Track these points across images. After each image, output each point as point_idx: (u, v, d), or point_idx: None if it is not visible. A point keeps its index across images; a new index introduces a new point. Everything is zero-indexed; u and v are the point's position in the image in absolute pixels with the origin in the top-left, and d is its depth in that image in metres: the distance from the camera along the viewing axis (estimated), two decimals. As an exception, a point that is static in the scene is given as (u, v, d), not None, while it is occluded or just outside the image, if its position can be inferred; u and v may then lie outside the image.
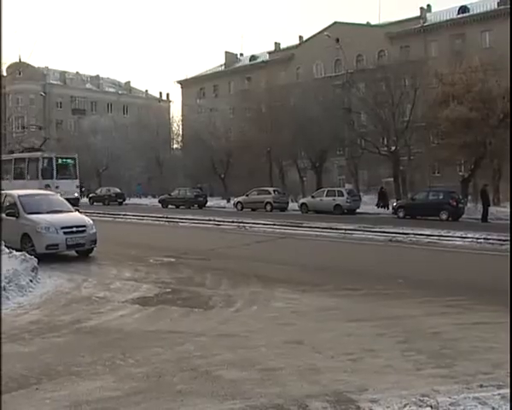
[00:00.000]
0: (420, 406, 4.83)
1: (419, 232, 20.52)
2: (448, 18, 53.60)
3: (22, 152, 37.02)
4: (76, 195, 32.61)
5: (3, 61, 24.65)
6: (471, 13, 52.23)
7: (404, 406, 4.85)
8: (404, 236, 19.82)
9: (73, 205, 29.04)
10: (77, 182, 34.30)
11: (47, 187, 29.75)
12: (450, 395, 5.01)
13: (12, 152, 39.97)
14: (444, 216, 29.32)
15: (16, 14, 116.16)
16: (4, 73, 39.37)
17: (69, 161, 34.92)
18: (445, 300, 9.41)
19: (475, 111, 33.69)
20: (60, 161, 33.86)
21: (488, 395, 4.95)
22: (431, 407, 4.79)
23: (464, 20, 51.94)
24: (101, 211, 34.33)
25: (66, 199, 27.74)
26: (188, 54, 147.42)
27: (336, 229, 22.04)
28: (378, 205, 37.67)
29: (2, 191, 18.54)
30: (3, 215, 14.69)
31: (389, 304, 9.22)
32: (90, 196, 53.10)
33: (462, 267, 13.67)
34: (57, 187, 30.30)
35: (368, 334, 7.38)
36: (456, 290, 10.21)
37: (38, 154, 34.33)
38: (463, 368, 5.90)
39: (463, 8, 53.12)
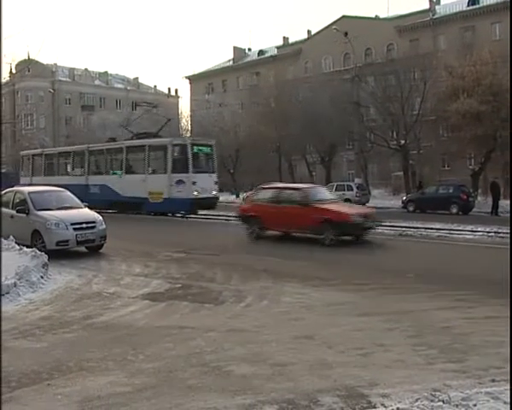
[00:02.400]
0: (432, 401, 4.80)
1: (429, 226, 20.44)
2: (457, 10, 53.21)
3: (132, 139, 30.98)
4: (214, 193, 27.18)
5: (12, 58, 24.62)
6: (481, 5, 51.83)
7: (416, 400, 4.83)
8: (414, 230, 19.74)
9: (210, 207, 26.86)
10: (215, 177, 27.70)
11: (179, 184, 25.64)
12: (462, 390, 4.99)
13: (113, 139, 33.50)
14: (454, 210, 29.24)
15: (24, 12, 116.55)
16: (13, 71, 39.08)
17: (206, 149, 27.96)
18: (455, 294, 9.37)
19: (485, 104, 33.51)
20: (195, 148, 26.67)
21: (500, 389, 4.92)
22: (443, 401, 4.77)
23: (474, 12, 51.53)
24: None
25: (202, 198, 25.66)
26: (196, 49, 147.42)
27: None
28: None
29: (14, 187, 18.67)
30: (14, 212, 14.78)
31: (399, 298, 9.19)
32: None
33: (473, 261, 13.58)
34: (194, 183, 25.56)
35: (378, 328, 7.35)
36: (467, 284, 10.14)
37: (167, 140, 27.60)
38: (475, 362, 5.87)
39: (473, 0, 52.72)
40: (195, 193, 25.54)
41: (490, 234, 18.39)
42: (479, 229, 19.40)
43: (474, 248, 15.76)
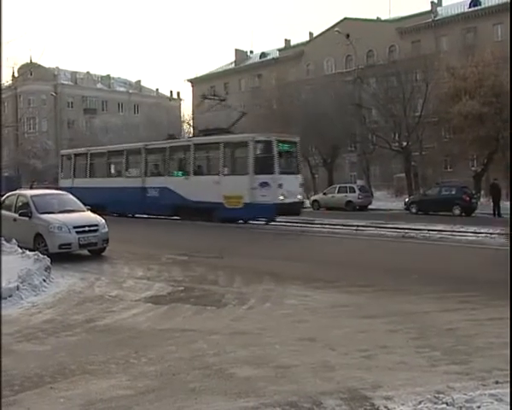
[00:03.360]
0: (435, 403, 4.79)
1: (432, 228, 20.41)
2: (459, 12, 53.27)
3: (197, 136, 27.92)
4: (299, 197, 23.66)
5: (15, 62, 24.56)
6: (482, 6, 51.84)
7: (419, 403, 4.81)
8: (417, 231, 19.72)
9: (294, 213, 23.13)
10: (300, 178, 24.32)
11: (263, 186, 22.03)
12: (466, 392, 4.97)
13: (172, 136, 29.88)
14: (456, 211, 29.21)
15: (27, 16, 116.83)
16: (16, 74, 39.03)
17: (291, 146, 24.32)
18: (459, 295, 9.36)
19: (487, 105, 33.45)
20: (280, 146, 23.11)
21: (504, 391, 4.90)
22: (446, 403, 4.75)
23: (475, 13, 51.59)
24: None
25: (288, 203, 22.04)
26: (198, 52, 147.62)
27: (348, 225, 21.99)
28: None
29: (16, 191, 18.67)
30: (17, 215, 14.80)
31: (402, 300, 9.17)
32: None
33: (476, 263, 13.55)
34: (280, 185, 22.07)
35: (381, 330, 7.34)
36: (471, 286, 10.13)
37: (248, 136, 23.82)
38: (479, 364, 5.85)
39: (475, 2, 52.78)
40: (281, 197, 22.02)
41: (493, 235, 18.35)
42: (482, 230, 19.36)
43: (477, 250, 15.72)
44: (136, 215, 28.59)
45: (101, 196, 26.96)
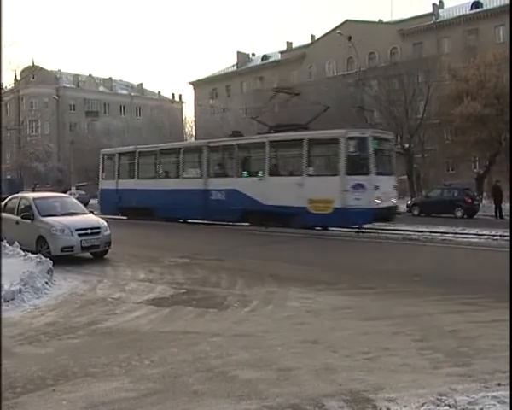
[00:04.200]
0: (438, 405, 4.78)
1: (434, 230, 20.39)
2: (461, 13, 53.21)
3: (277, 131, 23.88)
4: (394, 201, 21.27)
5: (17, 65, 24.52)
6: (484, 8, 51.83)
7: (422, 405, 4.80)
8: (419, 233, 19.71)
9: (388, 220, 20.61)
10: (394, 180, 21.78)
11: (357, 189, 19.51)
12: (469, 394, 4.95)
13: (238, 133, 26.76)
14: (459, 213, 29.21)
15: (29, 19, 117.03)
16: (18, 77, 38.96)
17: (386, 144, 21.87)
18: (461, 297, 9.35)
19: (489, 107, 33.46)
20: (376, 143, 20.41)
21: (507, 393, 4.88)
22: (449, 406, 4.74)
23: (477, 15, 51.56)
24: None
25: (383, 209, 19.76)
26: (200, 55, 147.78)
27: (350, 227, 21.92)
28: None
29: (19, 194, 18.71)
30: (19, 218, 14.82)
31: (405, 302, 9.16)
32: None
33: (479, 265, 13.55)
34: (376, 187, 19.61)
35: (384, 332, 7.33)
36: (473, 288, 10.12)
37: (339, 132, 20.99)
38: (481, 366, 5.84)
39: (476, 4, 52.77)
40: (377, 201, 19.64)
41: (495, 237, 18.34)
42: (484, 232, 19.35)
43: (480, 252, 15.71)
44: (189, 221, 26.35)
45: (150, 199, 26.15)
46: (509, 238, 17.60)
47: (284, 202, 21.10)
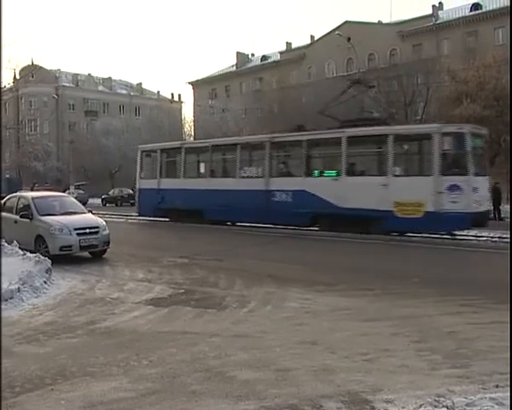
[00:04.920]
0: (435, 406, 4.79)
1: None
2: (460, 15, 53.22)
3: (355, 125, 21.23)
4: (488, 204, 19.55)
5: (16, 64, 24.46)
6: (484, 10, 51.85)
7: (420, 406, 4.81)
8: (418, 235, 19.68)
9: (481, 225, 18.13)
10: (487, 180, 19.70)
11: (453, 191, 17.67)
12: (466, 396, 4.96)
13: (302, 127, 24.03)
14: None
15: (28, 18, 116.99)
16: (17, 76, 38.90)
17: (481, 141, 19.66)
18: (460, 299, 9.35)
19: (489, 109, 33.44)
20: (474, 140, 18.47)
21: (505, 395, 4.89)
22: (447, 407, 4.75)
23: (477, 17, 51.54)
24: (113, 212, 34.38)
25: (479, 214, 17.84)
26: (199, 55, 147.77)
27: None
28: None
29: (17, 193, 18.70)
30: (18, 217, 14.82)
31: (403, 304, 9.16)
32: (103, 197, 53.25)
33: (478, 266, 13.56)
34: (475, 189, 17.88)
35: (382, 334, 7.34)
36: (472, 289, 10.13)
37: (432, 126, 19.39)
38: (479, 368, 5.85)
39: (476, 5, 52.78)
40: (475, 205, 17.80)
41: (494, 239, 18.33)
42: (483, 234, 19.33)
43: (479, 254, 15.73)
44: (238, 223, 24.11)
45: (198, 200, 24.10)
46: (507, 240, 17.64)
47: (364, 205, 18.93)
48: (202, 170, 25.99)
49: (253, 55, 75.37)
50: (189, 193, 24.44)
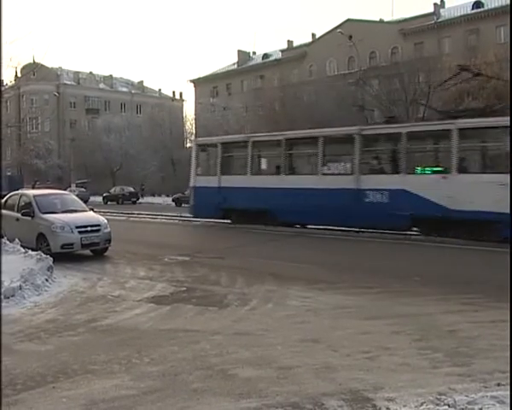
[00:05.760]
0: (437, 404, 4.79)
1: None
2: (462, 13, 53.23)
3: (455, 117, 18.68)
4: None
5: (18, 62, 24.40)
6: (485, 8, 51.81)
7: (421, 404, 4.81)
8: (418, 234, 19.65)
9: None
10: None
11: None
12: (468, 394, 4.96)
13: (392, 118, 22.50)
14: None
15: (30, 16, 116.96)
16: (19, 74, 38.85)
17: None
18: (461, 297, 9.34)
19: (490, 107, 33.40)
20: None
21: (506, 393, 4.89)
22: (448, 405, 4.75)
23: (478, 15, 51.54)
24: (115, 210, 34.38)
25: None
26: (200, 53, 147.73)
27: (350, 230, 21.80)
28: None
29: (19, 191, 18.73)
30: (19, 215, 14.83)
31: (405, 302, 9.16)
32: (104, 195, 53.28)
33: (479, 265, 13.54)
34: None
35: (384, 332, 7.33)
36: (473, 288, 10.13)
37: None
38: (480, 366, 5.85)
39: (477, 4, 52.75)
40: None
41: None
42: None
43: (480, 252, 15.68)
44: (311, 225, 21.73)
45: (269, 200, 21.50)
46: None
47: (481, 207, 16.28)
48: (274, 166, 23.29)
49: (254, 53, 75.38)
50: (257, 192, 21.95)
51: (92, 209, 16.21)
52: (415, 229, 19.07)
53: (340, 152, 21.72)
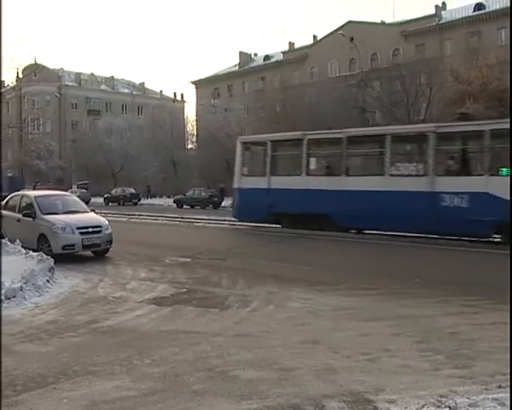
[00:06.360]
0: (438, 406, 4.79)
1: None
2: (463, 15, 53.22)
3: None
4: None
5: (19, 63, 24.37)
6: (487, 10, 51.80)
7: (422, 406, 4.81)
8: (421, 235, 19.63)
9: None
10: None
11: None
12: (469, 396, 4.96)
13: (464, 115, 20.72)
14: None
15: (32, 17, 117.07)
16: (20, 75, 38.81)
17: None
18: (462, 299, 9.34)
19: (492, 109, 33.38)
20: None
21: (507, 395, 4.88)
22: (449, 407, 4.74)
23: (480, 17, 51.53)
24: (116, 211, 34.39)
25: None
26: (202, 54, 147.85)
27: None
28: None
29: (20, 192, 18.75)
30: (20, 216, 14.84)
31: (406, 304, 9.16)
32: (105, 196, 53.30)
33: (480, 267, 13.53)
34: None
35: (384, 334, 7.33)
36: (474, 290, 10.12)
37: None
38: (481, 368, 5.84)
39: (479, 6, 52.75)
40: None
41: (496, 239, 18.24)
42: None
43: (481, 254, 15.68)
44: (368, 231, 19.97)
45: (328, 203, 19.76)
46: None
47: None
48: (333, 166, 21.27)
49: (255, 54, 75.41)
50: (314, 194, 20.20)
51: (93, 210, 16.21)
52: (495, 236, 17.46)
53: (411, 151, 20.36)
